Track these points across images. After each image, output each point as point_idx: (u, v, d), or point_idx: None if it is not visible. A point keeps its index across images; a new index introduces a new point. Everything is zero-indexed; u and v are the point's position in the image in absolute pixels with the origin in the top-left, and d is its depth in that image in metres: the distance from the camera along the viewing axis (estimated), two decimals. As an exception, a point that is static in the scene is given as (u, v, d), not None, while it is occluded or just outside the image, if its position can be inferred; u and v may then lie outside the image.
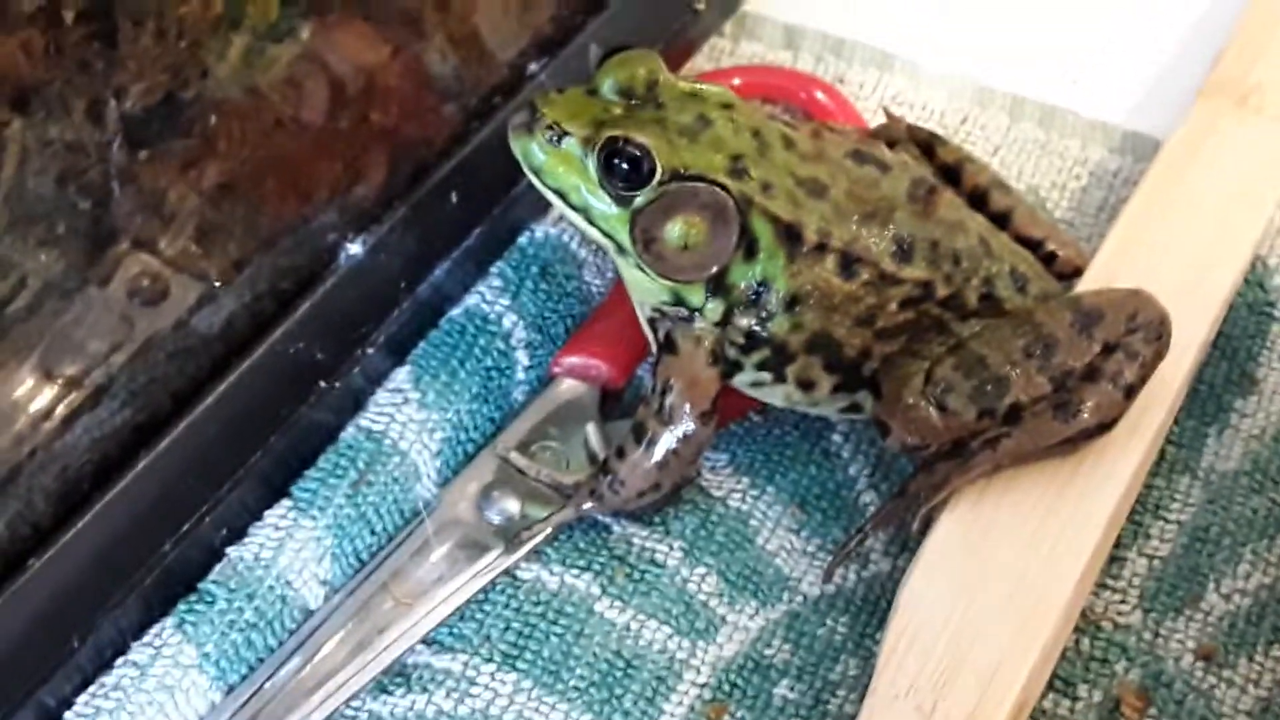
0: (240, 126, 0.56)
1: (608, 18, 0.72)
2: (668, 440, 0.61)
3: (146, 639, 0.58)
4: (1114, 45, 0.83)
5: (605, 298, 0.70)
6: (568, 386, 0.67)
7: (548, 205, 0.69)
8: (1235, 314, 0.70)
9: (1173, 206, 0.70)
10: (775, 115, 0.64)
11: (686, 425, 0.61)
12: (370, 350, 0.64)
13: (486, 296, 0.68)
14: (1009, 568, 0.59)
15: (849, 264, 0.60)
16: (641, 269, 0.60)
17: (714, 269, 0.60)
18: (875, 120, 0.78)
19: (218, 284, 0.58)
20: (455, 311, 0.68)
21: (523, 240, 0.70)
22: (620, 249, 0.60)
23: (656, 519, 0.65)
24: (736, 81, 0.79)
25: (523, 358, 0.68)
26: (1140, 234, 0.69)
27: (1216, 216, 0.70)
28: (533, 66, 0.70)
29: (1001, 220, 0.67)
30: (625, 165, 0.58)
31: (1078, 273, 0.67)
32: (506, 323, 0.68)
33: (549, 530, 0.63)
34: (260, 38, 0.54)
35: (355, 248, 0.63)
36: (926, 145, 0.70)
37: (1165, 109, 0.78)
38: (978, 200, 0.68)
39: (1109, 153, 0.79)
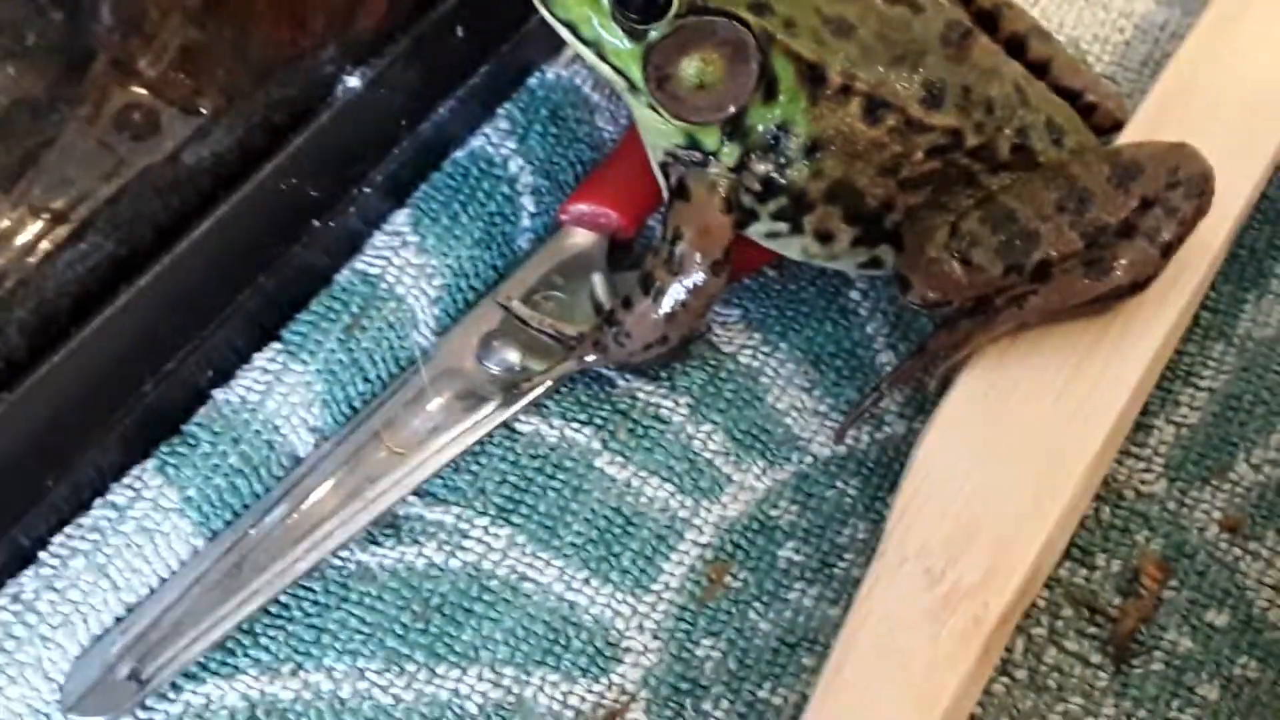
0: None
1: None
2: (676, 291, 0.58)
3: (126, 480, 0.56)
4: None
5: (617, 144, 0.67)
6: (575, 235, 0.64)
7: (559, 46, 0.66)
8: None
9: (1220, 61, 0.67)
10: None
11: (697, 275, 0.58)
12: (367, 190, 0.61)
13: (492, 139, 0.65)
14: (1030, 430, 0.56)
15: (874, 108, 0.57)
16: (654, 109, 0.57)
17: (731, 110, 0.56)
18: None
19: (206, 114, 0.55)
20: (459, 153, 0.65)
21: (532, 81, 0.67)
22: (632, 87, 0.57)
23: (662, 373, 0.62)
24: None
25: (528, 204, 0.65)
26: (1185, 88, 0.66)
27: (1266, 73, 0.67)
28: (547, -106, 0.66)
29: (1040, 69, 0.64)
30: (640, -4, 0.55)
31: (1118, 126, 0.64)
32: (512, 167, 0.65)
33: (550, 382, 0.61)
34: None
35: (353, 80, 0.60)
36: (962, -10, 0.66)
37: (1218, -40, 0.74)
38: (1015, 48, 0.64)
39: (1155, 5, 0.75)
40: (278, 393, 0.58)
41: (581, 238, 0.64)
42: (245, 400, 0.58)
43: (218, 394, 0.58)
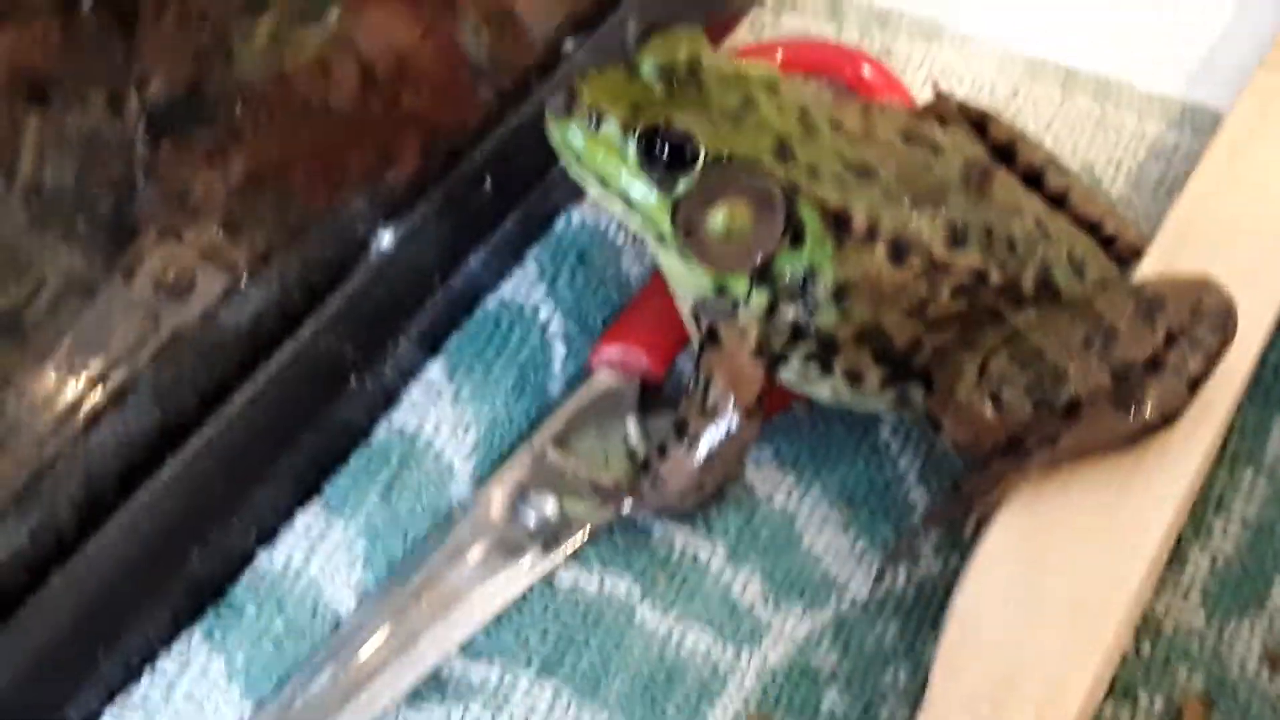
0: (267, 114, 0.53)
1: (646, -8, 0.69)
2: (711, 437, 0.59)
3: (174, 650, 0.56)
4: (1170, 12, 0.80)
5: (644, 285, 0.67)
6: (606, 378, 0.65)
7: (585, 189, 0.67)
8: (1301, 294, 0.67)
9: (1235, 184, 0.67)
10: (822, 94, 0.61)
11: (731, 422, 0.59)
12: (402, 344, 0.62)
13: (522, 285, 0.66)
14: (1068, 571, 0.56)
15: (900, 251, 0.57)
16: (683, 258, 0.58)
17: (759, 258, 0.57)
18: (924, 95, 0.75)
19: (244, 279, 0.56)
20: (490, 301, 0.65)
21: (559, 226, 0.68)
22: (661, 238, 0.58)
23: (699, 518, 0.62)
24: (779, 56, 0.76)
25: (560, 349, 0.65)
26: (1202, 213, 0.66)
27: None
28: (569, 44, 0.67)
29: (1058, 201, 0.65)
30: (666, 151, 0.56)
31: (1137, 255, 0.65)
32: (543, 313, 0.65)
33: (587, 532, 0.61)
34: (288, 21, 0.52)
35: (387, 238, 0.61)
36: (978, 123, 0.67)
37: (1225, 80, 0.75)
38: (1033, 180, 0.65)
39: (1167, 127, 0.75)
40: (321, 553, 0.58)
41: (613, 381, 0.65)
42: (289, 563, 0.58)
43: (261, 557, 0.58)
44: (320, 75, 0.55)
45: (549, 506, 0.61)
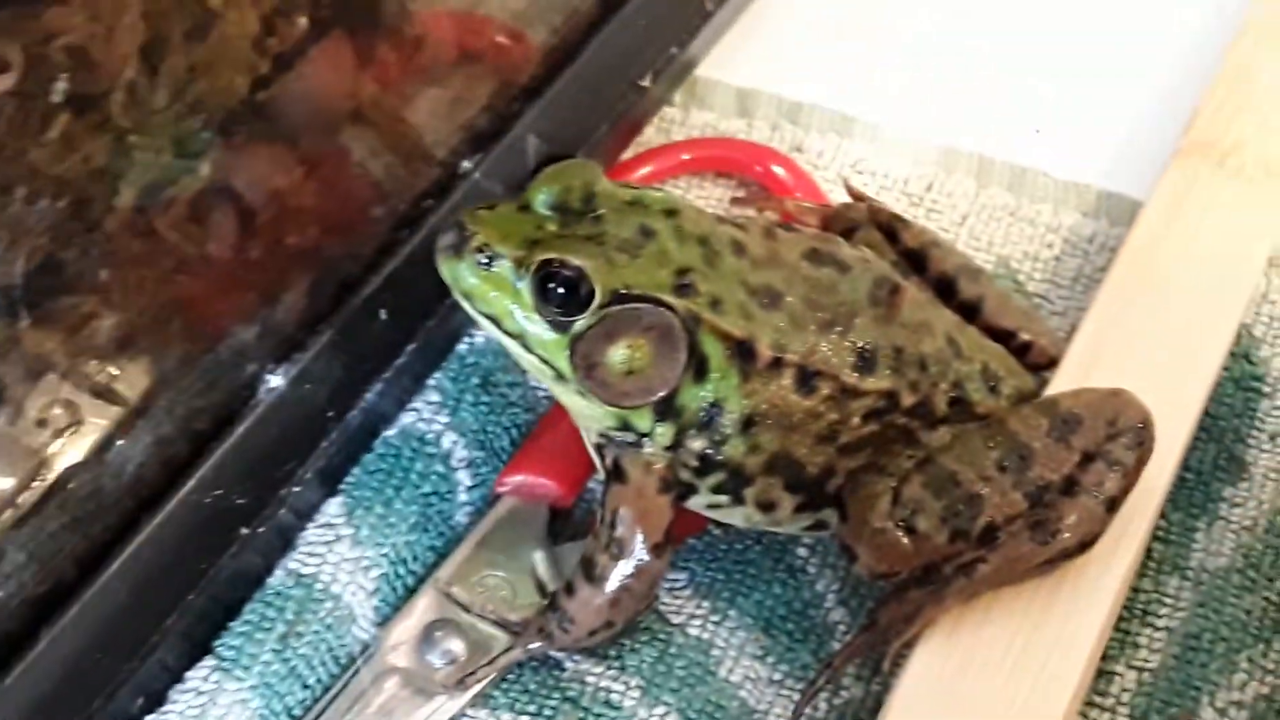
0: (137, 275, 0.51)
1: (546, 105, 0.67)
2: (619, 575, 0.57)
3: (54, 832, 0.54)
4: (1084, 101, 0.79)
5: (551, 407, 0.66)
6: (514, 505, 0.63)
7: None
8: (1221, 390, 0.66)
9: (1150, 283, 0.66)
10: (725, 216, 0.59)
11: (639, 558, 0.57)
12: (297, 485, 0.59)
13: (424, 414, 0.64)
14: (992, 703, 0.55)
15: (807, 379, 0.56)
16: (583, 396, 0.56)
17: (661, 393, 0.55)
18: (835, 190, 0.74)
19: (123, 434, 0.54)
20: (390, 433, 0.63)
21: (462, 348, 0.66)
22: (559, 376, 0.56)
23: (612, 651, 0.60)
24: (687, 156, 0.75)
25: (465, 478, 0.63)
26: (1117, 317, 0.65)
27: (1198, 289, 0.67)
28: (466, 164, 0.65)
29: (971, 310, 0.63)
30: (561, 289, 0.54)
31: (1053, 363, 0.64)
32: (446, 442, 0.63)
33: (496, 671, 0.59)
34: (155, 180, 0.50)
35: (276, 379, 0.59)
36: (889, 228, 0.66)
37: (1141, 167, 0.74)
38: (945, 288, 0.64)
39: (1083, 216, 0.74)
40: (212, 715, 0.56)
41: (520, 508, 0.63)
42: (179, 728, 0.56)
43: (149, 723, 0.56)
44: (195, 228, 0.52)
45: (456, 647, 0.59)
